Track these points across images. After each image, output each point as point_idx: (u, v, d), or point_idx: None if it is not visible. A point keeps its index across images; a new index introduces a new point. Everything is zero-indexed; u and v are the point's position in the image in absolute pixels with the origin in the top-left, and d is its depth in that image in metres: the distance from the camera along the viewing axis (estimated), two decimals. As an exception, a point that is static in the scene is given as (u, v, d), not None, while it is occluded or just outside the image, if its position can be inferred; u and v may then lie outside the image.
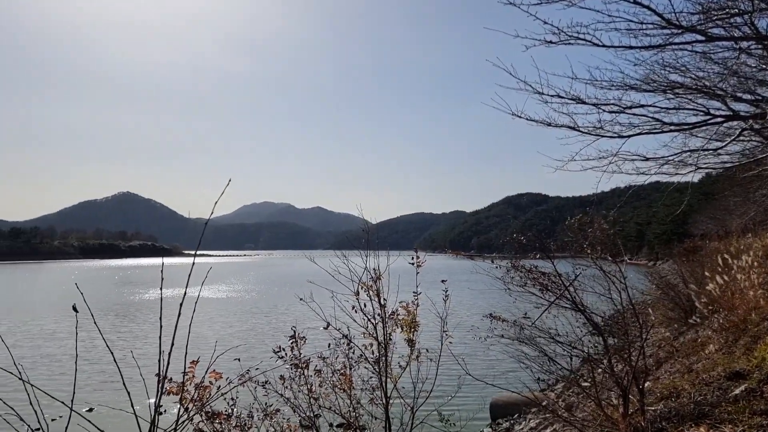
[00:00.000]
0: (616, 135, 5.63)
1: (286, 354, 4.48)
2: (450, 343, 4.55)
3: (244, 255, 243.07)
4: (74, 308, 2.53)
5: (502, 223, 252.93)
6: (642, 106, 5.53)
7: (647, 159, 6.01)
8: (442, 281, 4.67)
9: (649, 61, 5.46)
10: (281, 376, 4.47)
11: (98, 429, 2.27)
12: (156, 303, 33.19)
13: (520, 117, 5.56)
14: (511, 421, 9.98)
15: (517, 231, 5.57)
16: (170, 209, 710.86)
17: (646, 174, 6.19)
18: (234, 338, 19.44)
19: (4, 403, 2.36)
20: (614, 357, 5.36)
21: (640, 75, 5.68)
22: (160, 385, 2.60)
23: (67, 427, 2.13)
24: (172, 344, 2.32)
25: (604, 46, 4.91)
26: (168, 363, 2.38)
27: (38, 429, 2.10)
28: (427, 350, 4.41)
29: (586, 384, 6.40)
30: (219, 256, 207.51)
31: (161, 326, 2.31)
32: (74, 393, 2.34)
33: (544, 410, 8.73)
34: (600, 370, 5.74)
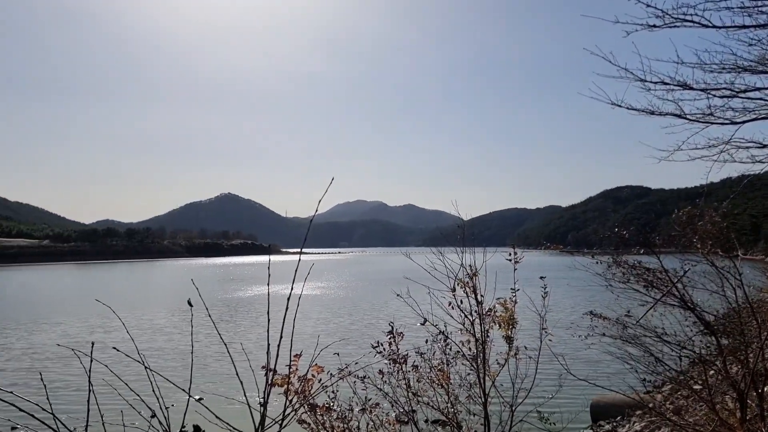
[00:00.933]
0: (728, 121, 5.25)
1: (384, 349, 4.55)
2: (549, 341, 4.44)
3: (339, 252, 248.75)
4: (189, 303, 2.70)
5: (600, 217, 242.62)
6: (758, 89, 5.12)
7: (764, 146, 5.57)
8: (541, 278, 4.56)
9: (765, 40, 5.06)
10: (380, 370, 4.55)
11: (215, 415, 2.43)
12: (254, 299, 34.65)
13: (620, 106, 5.32)
14: (614, 424, 9.61)
15: (618, 225, 5.34)
16: (268, 209, 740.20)
17: (763, 162, 5.73)
18: (332, 333, 19.98)
19: (130, 388, 2.56)
20: (729, 358, 5.02)
21: (755, 56, 5.26)
22: (268, 377, 2.73)
23: (185, 413, 2.29)
24: (281, 337, 2.43)
25: (714, 26, 4.60)
26: (277, 356, 2.50)
27: (152, 416, 2.26)
28: (525, 347, 4.33)
29: (697, 387, 6.04)
30: (315, 253, 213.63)
31: (269, 320, 2.42)
32: (191, 381, 2.50)
33: (650, 413, 8.33)
34: (713, 372, 5.39)
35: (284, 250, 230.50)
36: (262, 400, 2.56)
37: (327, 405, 4.23)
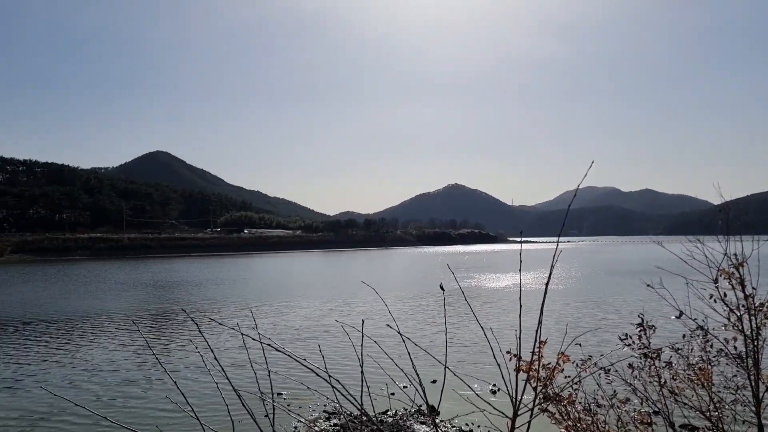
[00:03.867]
0: None
1: (633, 342, 4.30)
2: None
3: (568, 242, 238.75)
4: (441, 287, 2.86)
5: None
6: None
7: None
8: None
9: None
10: (629, 364, 4.30)
11: (475, 393, 2.55)
12: (483, 287, 34.94)
13: None
14: None
15: None
16: (494, 198, 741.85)
17: None
18: (573, 325, 19.27)
19: (395, 363, 2.79)
20: None
21: None
22: (517, 364, 2.78)
23: (443, 386, 2.44)
24: (539, 323, 2.45)
25: None
26: (537, 342, 2.53)
27: (403, 386, 2.44)
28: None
29: None
30: (542, 242, 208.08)
31: (521, 306, 2.46)
32: (446, 358, 2.65)
33: None
34: None
35: (511, 238, 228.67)
36: (512, 388, 2.60)
37: (571, 396, 4.14)
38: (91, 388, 12.65)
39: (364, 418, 10.23)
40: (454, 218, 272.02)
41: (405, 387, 3.15)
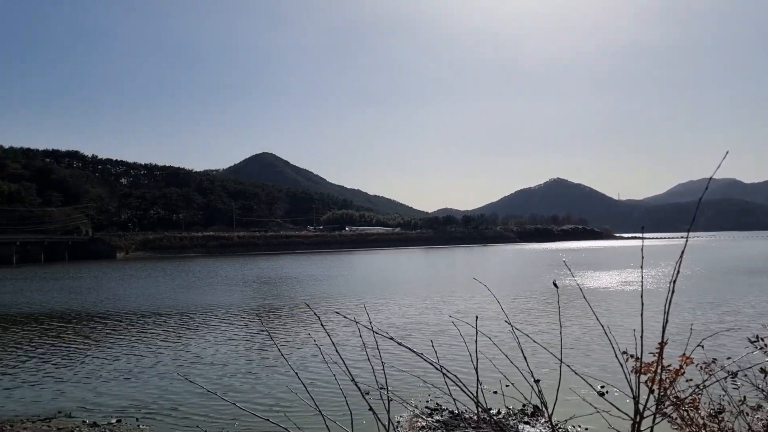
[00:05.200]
0: None
1: (766, 345, 3.97)
2: None
3: (681, 237, 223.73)
4: (554, 284, 2.79)
5: None
6: None
7: None
8: None
9: None
10: (762, 368, 3.99)
11: (593, 388, 2.47)
12: (590, 285, 33.63)
13: None
14: None
15: None
16: (599, 192, 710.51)
17: None
18: (689, 326, 18.15)
19: (509, 359, 2.76)
20: None
21: None
22: (637, 365, 2.66)
23: (559, 384, 2.38)
24: (665, 323, 2.33)
25: None
26: (662, 341, 2.41)
27: (537, 381, 2.40)
28: None
29: None
30: (652, 238, 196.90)
31: (642, 304, 2.36)
32: (561, 354, 2.58)
33: None
34: None
35: (617, 234, 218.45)
36: (633, 390, 2.50)
37: (695, 400, 3.89)
38: (211, 377, 13.44)
39: (467, 416, 10.17)
40: (556, 214, 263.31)
41: (507, 386, 3.09)
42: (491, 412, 9.82)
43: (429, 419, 10.02)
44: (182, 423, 10.18)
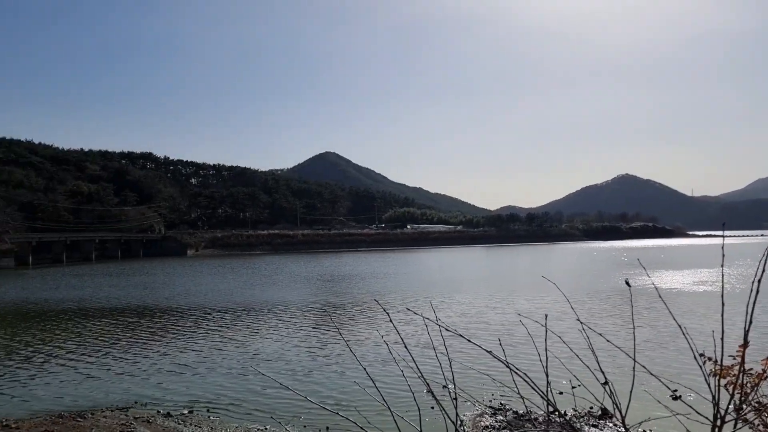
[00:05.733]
0: None
1: None
2: None
3: (761, 236, 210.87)
4: (627, 283, 2.70)
5: None
6: None
7: None
8: None
9: None
10: None
11: (669, 389, 2.39)
12: (662, 286, 32.37)
13: None
14: None
15: None
16: (670, 188, 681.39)
17: None
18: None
19: (579, 358, 2.69)
20: None
21: None
22: (715, 368, 2.54)
23: (632, 386, 2.31)
24: (748, 324, 2.23)
25: None
26: (744, 343, 2.30)
27: (604, 383, 2.33)
28: None
29: None
30: (730, 236, 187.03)
31: (723, 304, 2.25)
32: (635, 351, 2.50)
33: None
34: None
35: (690, 232, 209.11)
36: (712, 396, 2.39)
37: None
38: (279, 372, 13.75)
39: (532, 416, 9.99)
40: (624, 211, 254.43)
41: (575, 387, 3.01)
42: (556, 413, 9.61)
43: (492, 419, 9.92)
44: (250, 416, 10.48)
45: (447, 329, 2.39)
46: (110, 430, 9.27)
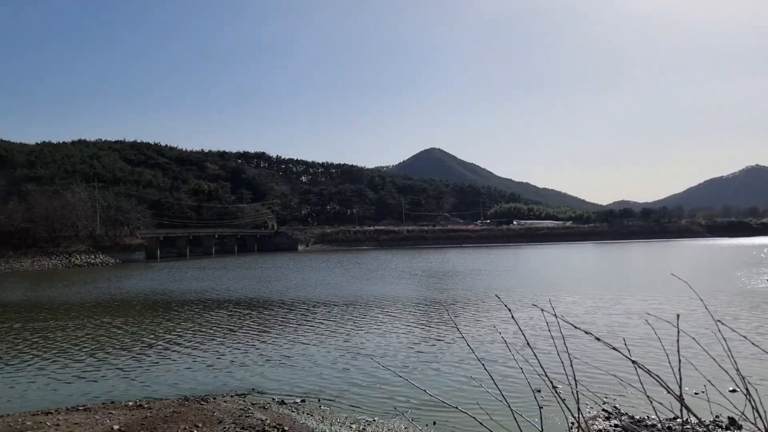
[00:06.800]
0: None
1: None
2: None
3: None
4: None
5: None
6: None
7: None
8: None
9: None
10: None
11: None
12: (802, 286, 29.41)
13: None
14: None
15: None
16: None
17: None
18: None
19: (715, 361, 2.50)
20: None
21: None
22: None
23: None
24: None
25: None
26: None
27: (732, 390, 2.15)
28: None
29: None
30: None
31: None
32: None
33: None
34: None
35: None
36: None
37: None
38: (393, 364, 13.92)
39: (649, 422, 9.45)
40: (754, 205, 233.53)
41: (696, 393, 2.80)
42: (677, 420, 9.03)
43: (606, 422, 9.51)
44: (357, 408, 10.72)
45: (576, 327, 2.31)
46: (230, 414, 9.84)
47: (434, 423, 9.55)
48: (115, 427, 9.01)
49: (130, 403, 10.77)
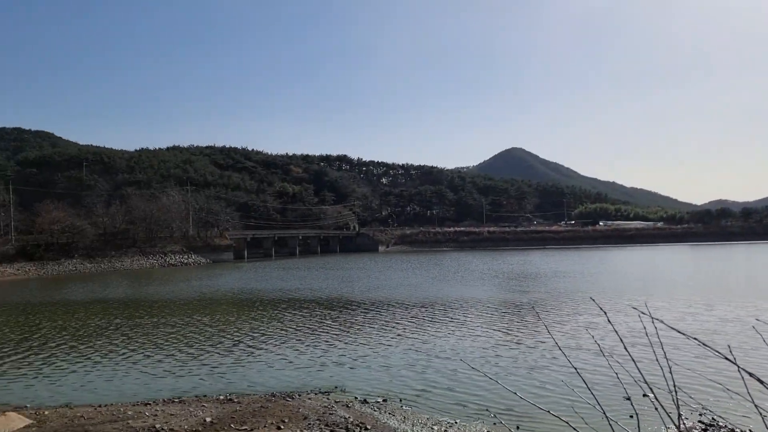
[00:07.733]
0: None
1: None
2: None
3: None
4: None
5: None
6: None
7: None
8: None
9: None
10: None
11: None
12: None
13: None
14: None
15: None
16: None
17: None
18: None
19: None
20: None
21: None
22: None
23: None
24: None
25: None
26: None
27: None
28: None
29: None
30: None
31: None
32: None
33: None
34: None
35: None
36: None
37: None
38: (481, 366, 13.79)
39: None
40: None
41: None
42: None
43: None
44: (438, 409, 10.69)
45: (682, 333, 2.19)
46: (315, 411, 10.09)
47: (518, 428, 9.37)
48: (208, 419, 9.46)
49: (221, 397, 11.29)
